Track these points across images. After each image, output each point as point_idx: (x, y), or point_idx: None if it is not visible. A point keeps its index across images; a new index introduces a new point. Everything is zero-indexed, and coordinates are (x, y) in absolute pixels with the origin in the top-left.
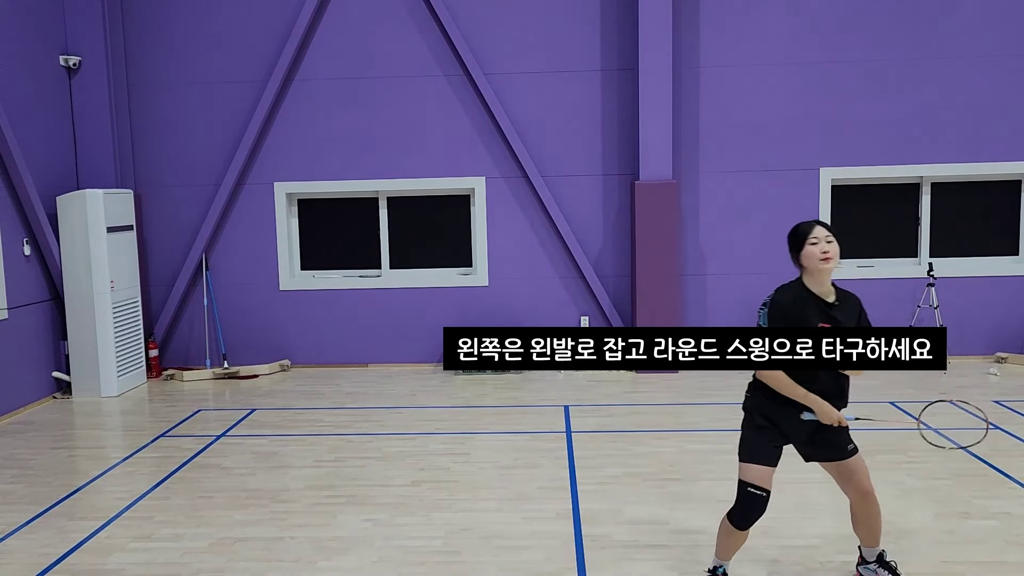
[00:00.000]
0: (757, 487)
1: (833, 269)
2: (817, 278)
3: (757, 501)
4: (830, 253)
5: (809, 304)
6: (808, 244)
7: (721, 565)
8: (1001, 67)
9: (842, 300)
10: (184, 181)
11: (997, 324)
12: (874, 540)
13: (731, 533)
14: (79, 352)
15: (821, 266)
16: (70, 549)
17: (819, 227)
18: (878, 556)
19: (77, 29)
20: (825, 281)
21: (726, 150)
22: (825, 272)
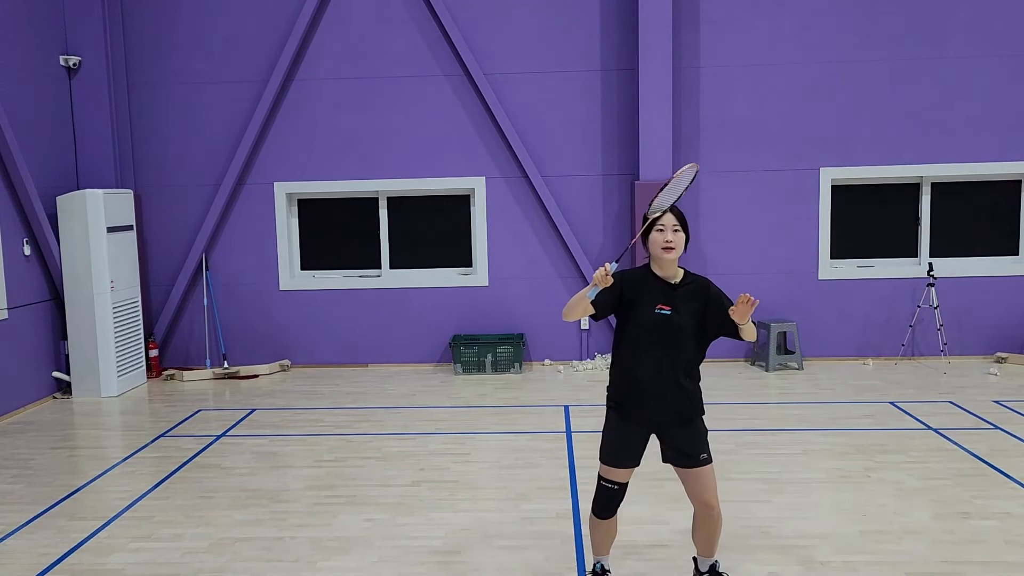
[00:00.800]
0: (607, 480)
1: (675, 259)
2: (660, 264)
3: (607, 492)
4: (673, 243)
5: (652, 285)
6: (655, 231)
7: (599, 561)
8: (1001, 67)
9: (688, 283)
10: (184, 181)
11: (997, 324)
12: (710, 551)
13: (593, 523)
14: (79, 352)
15: (662, 255)
16: (70, 549)
17: (668, 214)
18: (710, 567)
19: (77, 29)
20: (668, 267)
21: (726, 150)
22: (666, 261)
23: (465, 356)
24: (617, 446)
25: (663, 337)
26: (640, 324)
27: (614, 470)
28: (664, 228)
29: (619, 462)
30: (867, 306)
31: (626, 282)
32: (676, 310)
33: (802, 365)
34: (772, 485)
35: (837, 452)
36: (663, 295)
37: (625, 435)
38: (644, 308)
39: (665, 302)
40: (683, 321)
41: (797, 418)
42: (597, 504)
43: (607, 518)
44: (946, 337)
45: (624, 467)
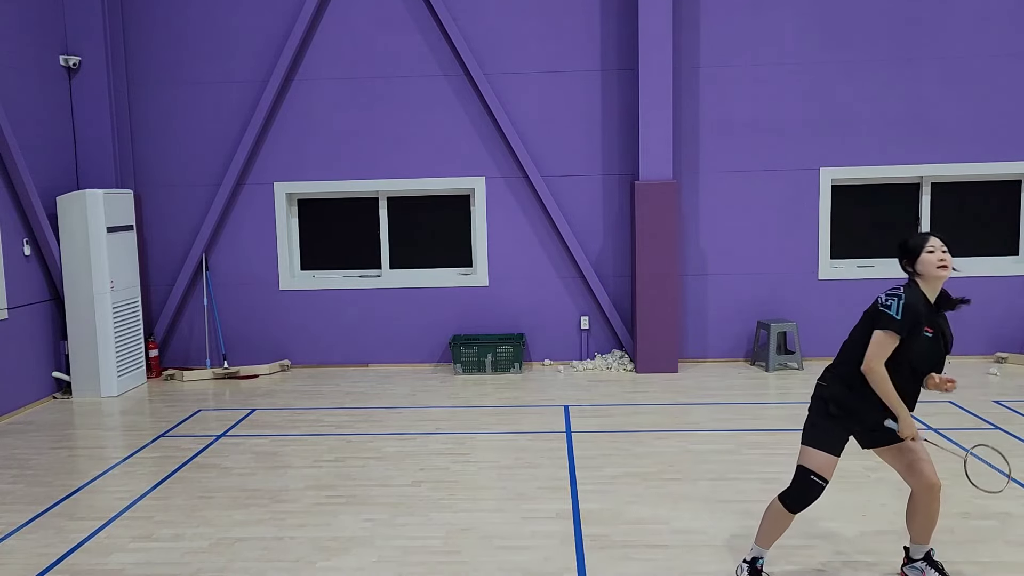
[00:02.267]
0: (819, 475)
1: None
2: (932, 285)
3: (815, 489)
4: (947, 261)
5: (926, 310)
6: (925, 252)
7: (761, 556)
8: (1001, 67)
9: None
10: (184, 181)
11: (997, 324)
12: (926, 537)
13: (781, 516)
14: (79, 352)
15: (938, 273)
16: (70, 549)
17: (934, 238)
18: (926, 554)
19: (77, 29)
20: (937, 289)
21: (726, 150)
22: (940, 279)
23: (465, 356)
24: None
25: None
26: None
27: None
28: (935, 249)
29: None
30: (867, 306)
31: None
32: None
33: (802, 365)
34: (772, 485)
35: None
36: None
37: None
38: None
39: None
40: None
41: (797, 418)
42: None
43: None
44: None
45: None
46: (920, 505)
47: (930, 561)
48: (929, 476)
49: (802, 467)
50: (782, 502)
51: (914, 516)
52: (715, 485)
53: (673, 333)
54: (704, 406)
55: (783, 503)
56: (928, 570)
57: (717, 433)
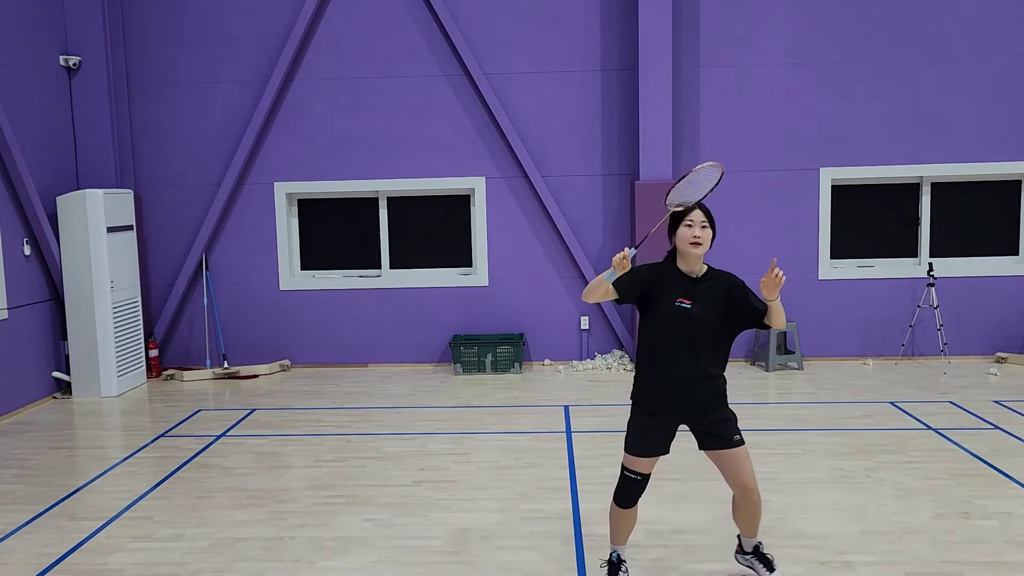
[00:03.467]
0: (630, 471)
1: (701, 255)
2: (686, 259)
3: (630, 483)
4: (700, 239)
5: (674, 278)
6: (683, 225)
7: (615, 550)
8: (1001, 67)
9: (711, 278)
10: (184, 181)
11: (997, 324)
12: (752, 532)
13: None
14: (79, 352)
15: (690, 249)
16: (70, 549)
17: (697, 211)
18: (754, 547)
19: (77, 29)
20: (694, 262)
21: (726, 150)
22: (693, 256)
23: (465, 356)
24: (640, 437)
25: (683, 330)
26: (661, 317)
27: (637, 460)
28: (693, 224)
29: (642, 452)
30: (867, 306)
31: (651, 274)
32: (696, 303)
33: (802, 365)
34: (772, 485)
35: (837, 452)
36: (684, 289)
37: (648, 426)
38: (665, 301)
39: (685, 295)
40: (703, 313)
41: (797, 418)
42: (619, 493)
43: (628, 507)
44: (946, 337)
45: (646, 457)
46: (739, 505)
47: (758, 555)
48: (743, 478)
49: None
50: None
51: (736, 514)
52: (715, 485)
53: None
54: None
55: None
56: (755, 563)
57: None
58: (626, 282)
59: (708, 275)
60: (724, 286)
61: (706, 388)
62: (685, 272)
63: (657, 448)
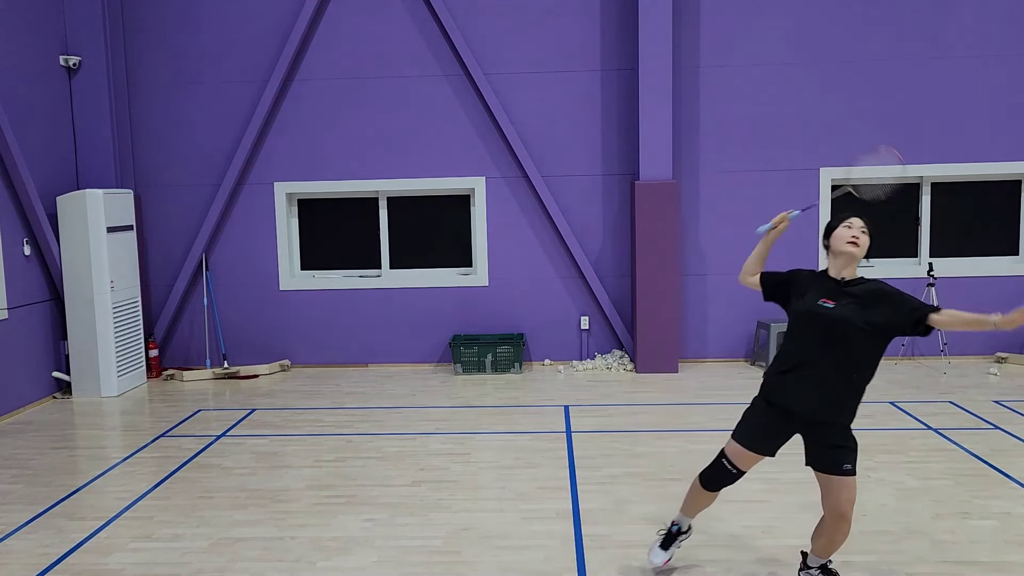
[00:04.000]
0: (728, 461)
1: (858, 257)
2: (839, 260)
3: (724, 473)
4: (858, 240)
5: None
6: (842, 226)
7: (677, 523)
8: (1001, 67)
9: (858, 283)
10: (184, 181)
11: None
12: (826, 555)
13: (696, 489)
14: (79, 352)
15: (845, 248)
16: (70, 549)
17: (857, 218)
18: (822, 565)
19: (77, 29)
20: (846, 264)
21: (726, 150)
22: (847, 256)
23: (465, 356)
24: (755, 430)
25: (822, 331)
26: (800, 314)
27: (741, 452)
28: (852, 226)
29: (751, 445)
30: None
31: (801, 276)
32: (840, 305)
33: None
34: (772, 485)
35: None
36: (828, 290)
37: (766, 422)
38: (807, 299)
39: (829, 296)
40: (844, 316)
41: None
42: (708, 477)
43: (711, 491)
44: (946, 337)
45: (750, 450)
46: (826, 529)
47: (826, 571)
48: (841, 506)
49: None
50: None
51: (819, 536)
52: None
53: (673, 333)
54: (704, 406)
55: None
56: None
57: (717, 433)
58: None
59: (857, 281)
60: (875, 293)
61: (831, 394)
62: (833, 275)
63: (764, 447)
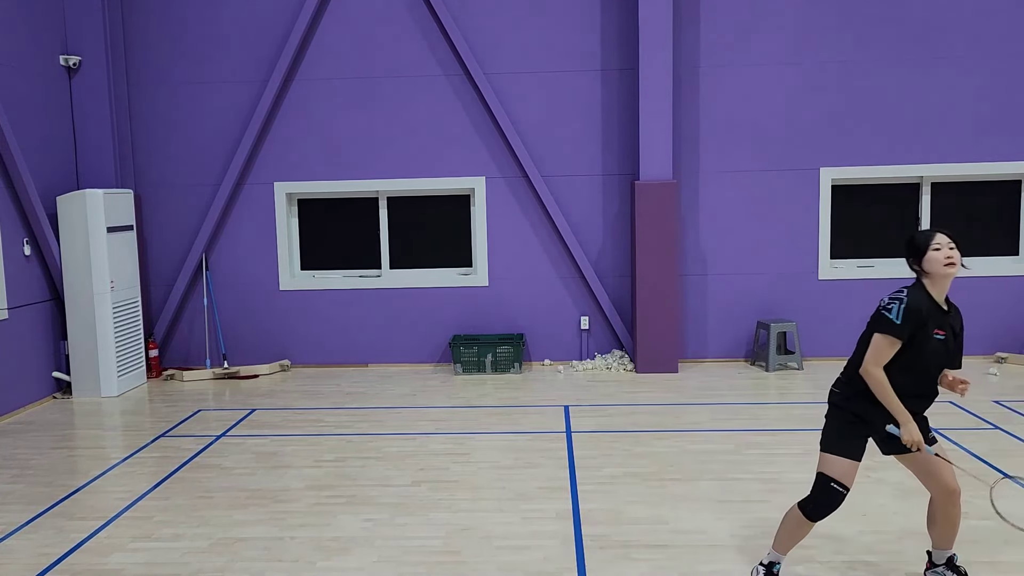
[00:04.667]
0: (840, 483)
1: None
2: (940, 284)
3: (836, 497)
4: (954, 258)
5: (932, 311)
6: (931, 250)
7: (778, 562)
8: (1001, 67)
9: (951, 309)
10: (184, 181)
11: (997, 324)
12: (948, 542)
13: (801, 524)
14: (79, 352)
15: (945, 271)
16: (70, 549)
17: (941, 235)
18: (948, 559)
19: (77, 29)
20: (946, 288)
21: (726, 150)
22: (948, 278)
23: (465, 356)
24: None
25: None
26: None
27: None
28: (941, 247)
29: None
30: (867, 306)
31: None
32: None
33: (802, 365)
34: (772, 485)
35: None
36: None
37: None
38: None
39: (940, 327)
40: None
41: (797, 418)
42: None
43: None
44: None
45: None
46: (939, 511)
47: (952, 566)
48: (948, 481)
49: (822, 474)
50: (802, 510)
51: (934, 522)
52: (715, 485)
53: (673, 333)
54: (704, 406)
55: (803, 511)
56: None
57: (717, 433)
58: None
59: (950, 306)
60: (959, 319)
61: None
62: (936, 301)
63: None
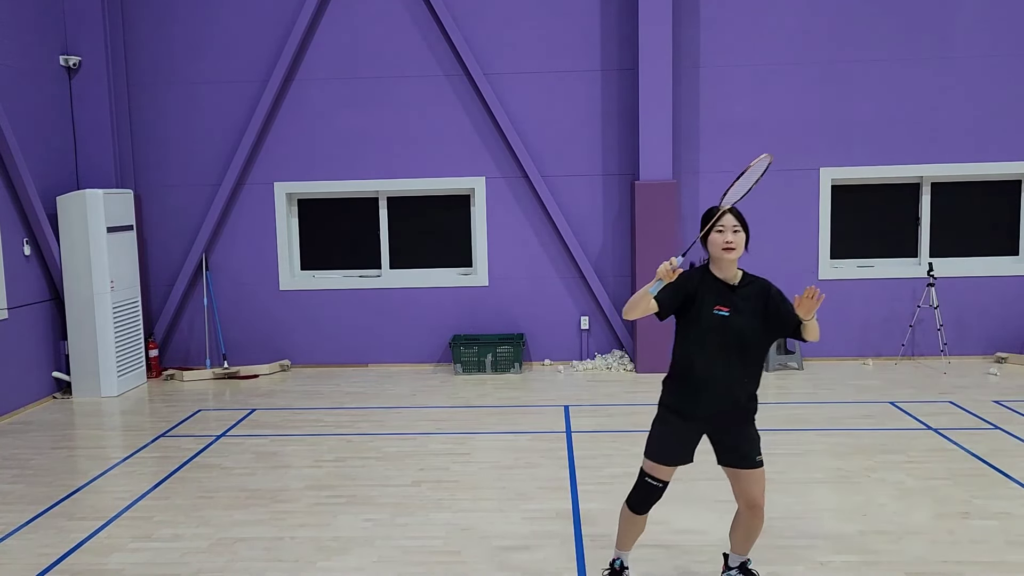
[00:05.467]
0: (653, 477)
1: (735, 259)
2: (720, 264)
3: (652, 491)
4: (733, 243)
5: (712, 288)
6: (715, 231)
7: (619, 557)
8: (1001, 67)
9: (747, 284)
10: (184, 181)
11: (997, 324)
12: (745, 549)
13: (629, 518)
14: (79, 352)
15: (722, 255)
16: (70, 549)
17: (728, 215)
18: (742, 564)
19: (77, 29)
20: (728, 268)
21: (726, 150)
22: (726, 261)
23: (465, 356)
24: (666, 444)
25: (721, 338)
26: (699, 325)
27: (660, 467)
28: (724, 228)
29: (667, 460)
30: (867, 306)
31: (689, 281)
32: (735, 311)
33: (802, 365)
34: (772, 485)
35: (837, 452)
36: (721, 296)
37: (676, 432)
38: (703, 309)
39: (723, 303)
40: (742, 323)
41: (797, 418)
42: (635, 499)
43: (642, 514)
44: (946, 337)
45: (671, 465)
46: (743, 521)
47: (745, 571)
48: (755, 497)
49: (641, 469)
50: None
51: (736, 529)
52: (714, 485)
53: (673, 333)
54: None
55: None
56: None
57: None
58: (666, 295)
59: (744, 281)
60: (761, 293)
61: (738, 396)
62: (721, 279)
63: (682, 456)
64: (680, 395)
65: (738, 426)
